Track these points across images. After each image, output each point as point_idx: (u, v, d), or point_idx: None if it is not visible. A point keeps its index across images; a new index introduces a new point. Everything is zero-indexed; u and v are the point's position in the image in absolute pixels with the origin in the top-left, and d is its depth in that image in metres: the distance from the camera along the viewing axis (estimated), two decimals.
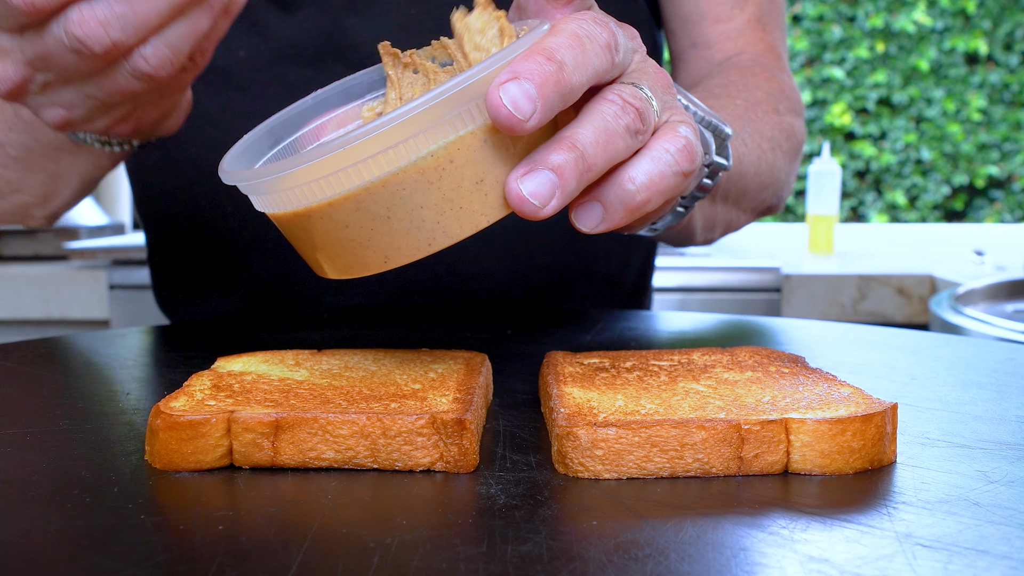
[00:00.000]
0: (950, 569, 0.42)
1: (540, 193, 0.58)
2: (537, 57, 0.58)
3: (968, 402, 0.70)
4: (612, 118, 0.61)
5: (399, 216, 0.60)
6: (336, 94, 0.76)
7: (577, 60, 0.59)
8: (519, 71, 0.57)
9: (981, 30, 6.60)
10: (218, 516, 0.49)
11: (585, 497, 0.52)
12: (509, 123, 0.56)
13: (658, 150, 0.63)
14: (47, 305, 2.54)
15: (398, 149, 0.58)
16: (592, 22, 0.62)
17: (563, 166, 0.58)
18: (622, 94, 0.62)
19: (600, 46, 0.61)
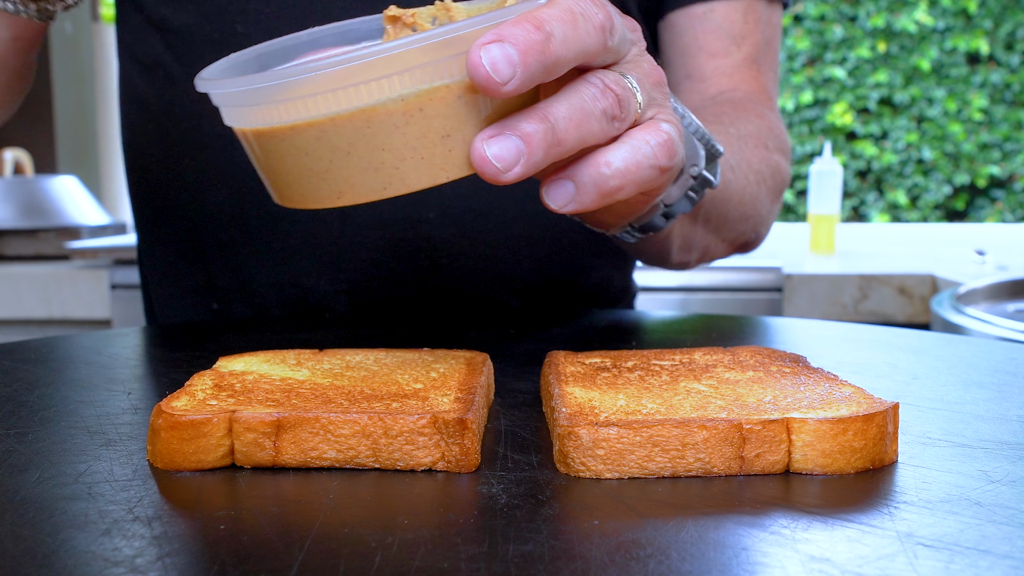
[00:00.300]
0: (951, 569, 0.42)
1: (504, 157, 0.58)
2: (526, 24, 0.57)
3: (969, 402, 0.70)
4: (590, 99, 0.61)
5: (359, 153, 0.59)
6: (331, 34, 0.74)
7: (567, 34, 0.59)
8: (504, 35, 0.56)
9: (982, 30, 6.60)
10: (220, 516, 0.49)
11: (587, 497, 0.52)
12: (486, 84, 0.56)
13: (638, 140, 0.64)
14: (48, 305, 2.55)
15: (370, 85, 0.58)
16: (590, 1, 0.61)
17: (532, 135, 0.58)
18: (605, 79, 0.62)
19: (593, 26, 0.60)
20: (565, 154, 0.60)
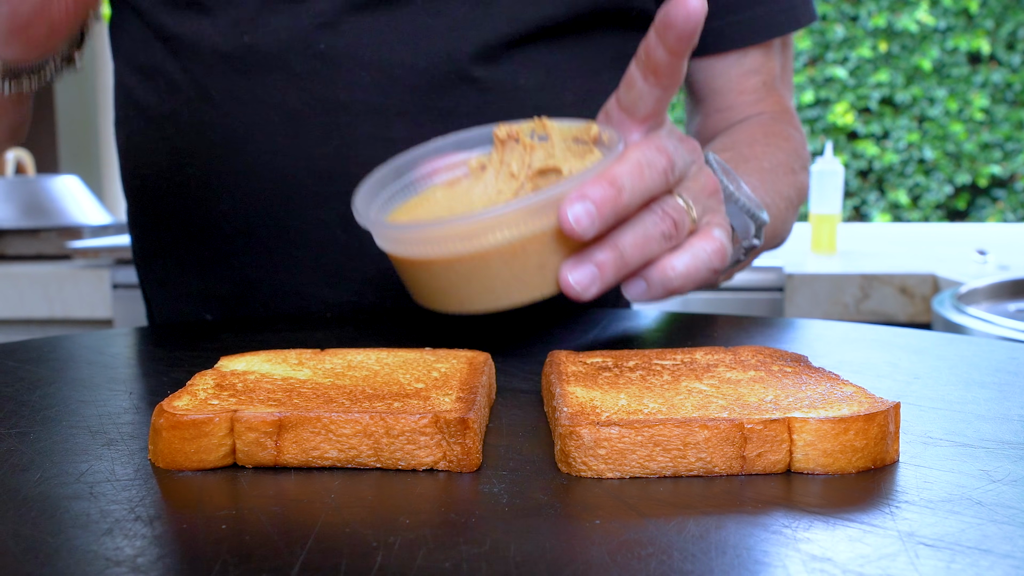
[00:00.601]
0: (953, 568, 0.42)
1: (583, 282, 0.75)
2: (603, 182, 0.73)
3: (971, 401, 0.70)
4: (652, 226, 0.77)
5: (476, 281, 0.78)
6: (451, 143, 0.92)
7: (635, 185, 0.74)
8: (586, 194, 0.72)
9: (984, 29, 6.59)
10: (221, 515, 0.49)
11: (588, 496, 0.52)
12: (571, 234, 0.73)
13: (698, 249, 0.79)
14: (50, 304, 2.55)
15: (487, 236, 0.76)
16: (655, 150, 0.77)
17: (604, 263, 0.75)
18: (664, 207, 0.78)
19: (657, 172, 0.76)
20: (632, 271, 0.77)
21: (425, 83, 1.11)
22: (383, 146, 1.11)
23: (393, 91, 1.11)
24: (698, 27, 0.75)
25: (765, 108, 1.30)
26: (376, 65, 1.10)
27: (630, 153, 0.76)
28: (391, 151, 1.10)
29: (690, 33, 0.76)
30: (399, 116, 1.12)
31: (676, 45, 0.76)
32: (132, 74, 1.20)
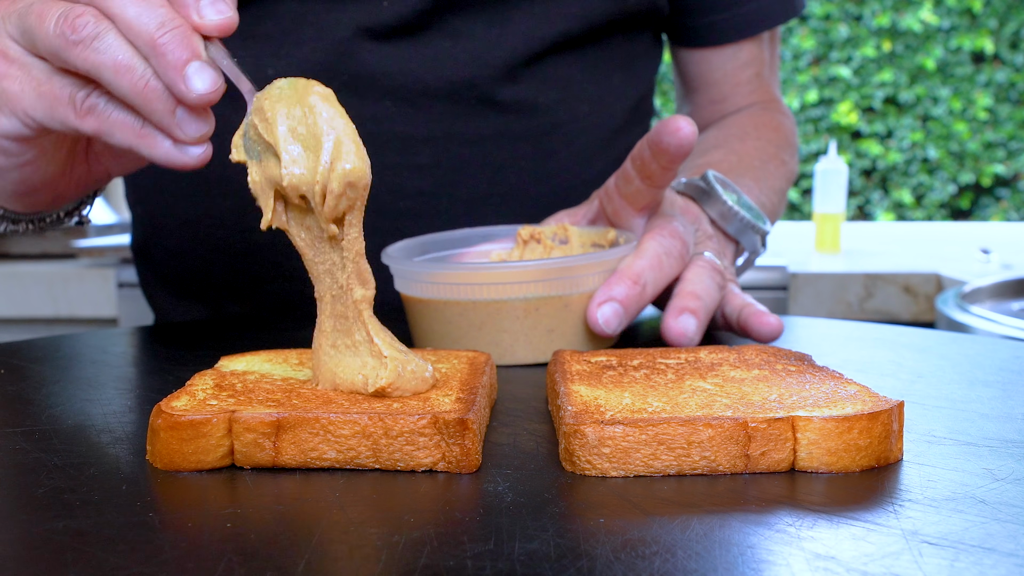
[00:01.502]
0: (956, 567, 0.42)
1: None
2: (627, 281, 0.84)
3: (974, 400, 0.70)
4: (709, 277, 0.90)
5: (488, 331, 0.84)
6: (478, 234, 1.00)
7: (656, 278, 0.86)
8: (614, 294, 0.84)
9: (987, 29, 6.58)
10: (225, 514, 0.49)
11: (592, 495, 0.52)
12: (601, 333, 0.84)
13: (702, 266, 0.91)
14: (55, 303, 2.55)
15: (505, 287, 0.83)
16: (670, 237, 0.88)
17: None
18: (710, 259, 0.92)
19: (675, 258, 0.88)
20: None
21: (449, 110, 1.12)
22: (412, 174, 1.12)
23: (418, 119, 1.12)
24: (690, 149, 0.85)
25: (756, 99, 1.34)
26: (400, 93, 1.11)
27: (648, 245, 0.86)
28: (420, 178, 1.11)
29: (683, 156, 0.85)
30: (426, 143, 1.12)
31: (669, 164, 0.86)
32: None
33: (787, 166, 1.26)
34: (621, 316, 0.83)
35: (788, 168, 1.27)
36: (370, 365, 0.62)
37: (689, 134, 0.83)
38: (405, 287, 0.89)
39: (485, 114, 1.14)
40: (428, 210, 1.14)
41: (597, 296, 0.83)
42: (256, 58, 1.11)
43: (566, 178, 1.17)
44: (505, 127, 1.14)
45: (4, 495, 0.52)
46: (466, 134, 1.13)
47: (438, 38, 1.11)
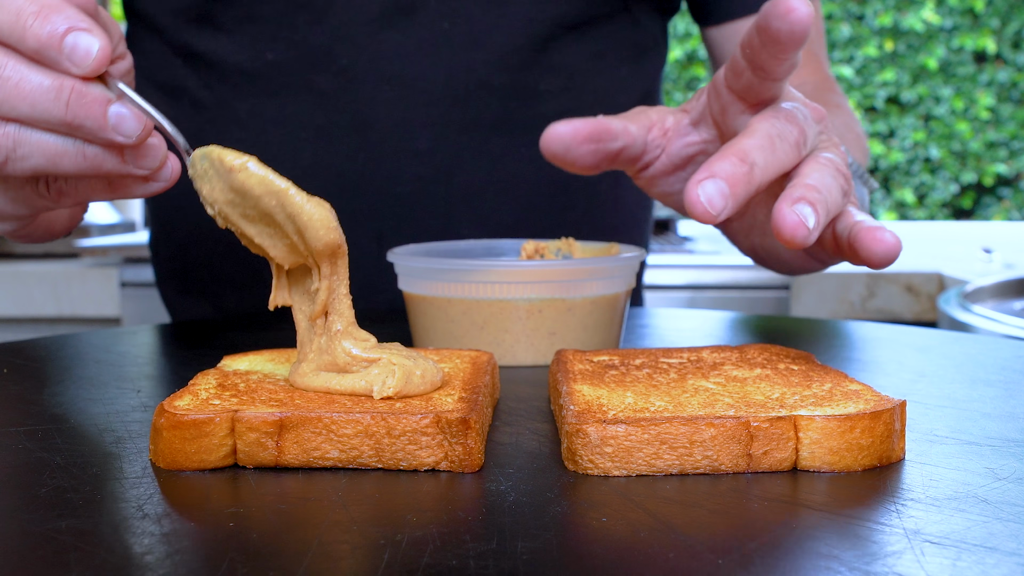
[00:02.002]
0: (958, 566, 0.42)
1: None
2: (732, 158, 0.67)
3: (976, 399, 0.70)
4: (778, 129, 0.70)
5: (489, 330, 0.84)
6: (481, 247, 1.00)
7: (767, 160, 0.68)
8: (715, 170, 0.66)
9: (989, 28, 6.58)
10: (228, 513, 0.50)
11: (594, 494, 0.52)
12: (704, 216, 0.65)
13: (823, 159, 0.72)
14: (58, 303, 2.55)
15: (510, 286, 0.83)
16: (785, 120, 0.71)
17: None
18: (784, 112, 0.72)
19: (789, 144, 0.71)
20: (762, 185, 0.68)
21: (447, 95, 1.12)
22: (410, 159, 1.12)
23: (416, 104, 1.12)
24: (805, 35, 0.69)
25: (805, 76, 1.23)
26: (398, 78, 1.11)
27: (758, 125, 0.71)
28: (418, 164, 1.11)
29: (797, 43, 0.69)
30: (424, 128, 1.12)
31: (781, 53, 0.70)
32: (153, 91, 1.19)
33: (862, 141, 1.14)
34: (726, 195, 0.65)
35: (864, 144, 1.14)
36: (374, 373, 0.62)
37: (803, 16, 0.67)
38: (408, 285, 0.89)
39: (484, 100, 1.13)
40: (426, 196, 1.14)
41: (697, 174, 0.66)
42: (254, 41, 1.12)
43: None
44: (505, 114, 1.14)
45: (7, 494, 0.52)
46: (464, 120, 1.13)
47: (436, 21, 1.11)
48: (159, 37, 1.17)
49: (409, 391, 0.61)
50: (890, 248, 0.69)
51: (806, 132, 0.72)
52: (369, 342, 0.64)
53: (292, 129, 1.14)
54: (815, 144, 0.74)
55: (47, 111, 0.65)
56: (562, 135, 0.74)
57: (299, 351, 0.65)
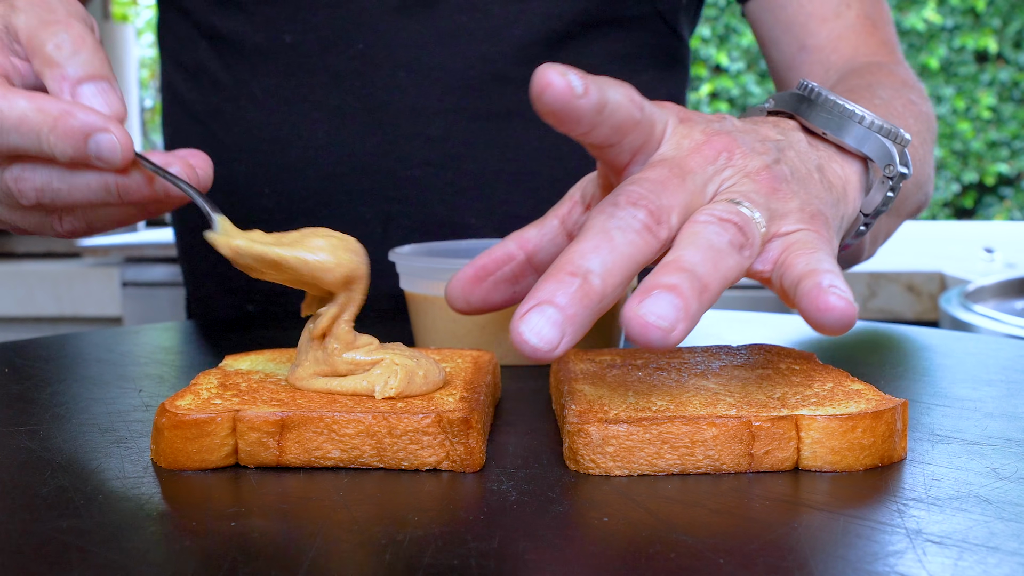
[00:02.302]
0: (960, 566, 0.42)
1: (667, 315, 0.52)
2: (559, 273, 0.54)
3: (978, 399, 0.70)
4: (714, 236, 0.57)
5: (490, 329, 0.83)
6: (483, 246, 0.90)
7: (607, 262, 0.55)
8: (541, 295, 0.53)
9: (991, 28, 6.59)
10: (230, 512, 0.50)
11: (596, 494, 0.52)
12: (538, 355, 0.53)
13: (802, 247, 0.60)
14: (60, 302, 2.55)
15: None
16: (627, 203, 0.57)
17: (679, 286, 0.53)
18: (714, 211, 0.58)
19: (635, 230, 0.56)
20: (713, 302, 0.56)
21: (462, 84, 1.13)
22: (421, 144, 1.13)
23: (431, 91, 1.13)
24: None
25: (860, 44, 1.11)
26: (414, 65, 1.12)
27: (591, 220, 0.57)
28: (429, 149, 1.11)
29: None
30: (437, 115, 1.13)
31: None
32: (177, 72, 1.22)
33: (919, 108, 0.98)
34: (559, 324, 0.52)
35: (921, 111, 0.98)
36: (376, 373, 0.62)
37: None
38: (410, 284, 0.89)
39: (499, 91, 1.14)
40: (435, 181, 1.14)
41: (522, 304, 0.54)
42: (272, 23, 1.13)
43: (579, 162, 1.16)
44: (518, 105, 1.14)
45: (8, 494, 0.52)
46: (478, 109, 1.13)
47: (455, 12, 1.11)
48: (188, 19, 1.19)
49: (411, 391, 0.61)
50: (838, 316, 0.55)
51: (660, 204, 0.58)
52: (371, 345, 0.64)
53: (306, 109, 1.15)
54: (717, 188, 0.62)
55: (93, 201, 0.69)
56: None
57: (297, 355, 0.65)
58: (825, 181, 0.68)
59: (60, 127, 0.65)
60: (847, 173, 0.70)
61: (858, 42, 1.11)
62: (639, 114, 0.61)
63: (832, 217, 0.66)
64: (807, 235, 0.61)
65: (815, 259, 0.58)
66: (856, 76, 1.04)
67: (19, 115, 0.65)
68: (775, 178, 0.63)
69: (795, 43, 1.14)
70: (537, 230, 0.73)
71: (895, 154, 0.71)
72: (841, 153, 0.71)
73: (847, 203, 0.70)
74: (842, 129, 0.70)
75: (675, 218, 0.58)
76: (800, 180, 0.65)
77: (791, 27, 1.15)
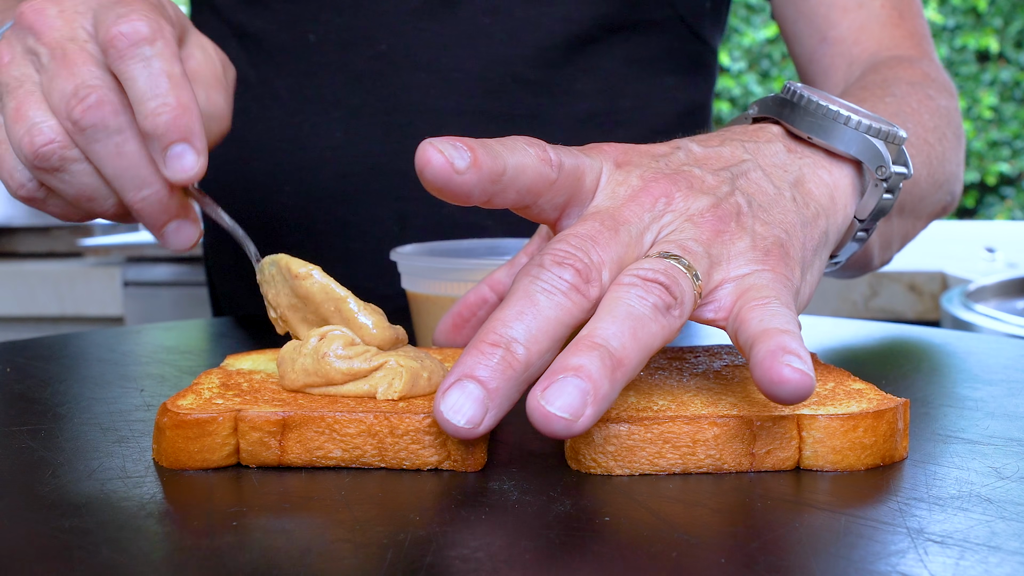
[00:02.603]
0: (961, 565, 0.42)
1: (572, 405, 0.49)
2: (481, 344, 0.53)
3: (980, 399, 0.70)
4: (635, 301, 0.53)
5: None
6: (484, 246, 0.97)
7: (531, 329, 0.53)
8: (462, 370, 0.52)
9: (992, 28, 6.59)
10: (231, 512, 0.50)
11: (597, 493, 0.52)
12: (460, 434, 0.52)
13: None
14: (62, 302, 2.55)
15: None
16: (553, 263, 0.55)
17: (586, 367, 0.50)
18: (639, 272, 0.55)
19: (563, 291, 0.54)
20: (634, 373, 0.52)
21: (480, 86, 1.13)
22: None
23: (450, 94, 1.13)
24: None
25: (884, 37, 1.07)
26: (433, 67, 1.12)
27: (516, 283, 0.55)
28: None
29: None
30: (455, 117, 1.13)
31: None
32: None
33: (937, 103, 0.94)
34: (481, 400, 0.52)
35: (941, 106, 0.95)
36: (379, 376, 0.62)
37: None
38: (412, 284, 0.89)
39: (519, 94, 1.14)
40: None
41: (444, 380, 0.53)
42: (296, 22, 1.14)
43: None
44: (538, 109, 1.14)
45: (9, 493, 0.52)
46: (497, 112, 1.13)
47: (477, 15, 1.12)
48: (218, 17, 1.20)
49: (416, 393, 0.61)
50: (791, 390, 0.50)
51: (590, 259, 0.56)
52: (369, 351, 0.63)
53: (326, 108, 1.16)
54: (656, 236, 0.60)
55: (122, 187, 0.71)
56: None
57: (280, 365, 0.64)
58: (800, 197, 0.65)
59: None
60: (835, 179, 0.68)
61: (882, 34, 1.07)
62: (553, 173, 0.59)
63: (798, 242, 0.63)
64: (760, 277, 0.59)
65: (769, 313, 0.55)
66: (874, 72, 1.00)
67: None
68: (720, 218, 0.60)
69: (816, 35, 1.11)
70: (507, 270, 0.74)
71: (886, 154, 0.67)
72: (829, 157, 0.68)
73: (834, 213, 0.67)
74: (827, 132, 0.67)
75: (607, 274, 0.56)
76: (761, 207, 0.62)
77: (813, 18, 1.11)
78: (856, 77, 1.03)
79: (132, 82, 0.68)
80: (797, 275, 0.62)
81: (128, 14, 0.68)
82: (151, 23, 0.68)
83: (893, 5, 1.08)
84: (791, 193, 0.65)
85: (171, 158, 0.68)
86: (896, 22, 1.08)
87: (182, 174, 0.68)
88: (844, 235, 0.70)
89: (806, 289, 0.64)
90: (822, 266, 0.67)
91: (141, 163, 0.70)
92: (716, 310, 0.59)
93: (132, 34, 0.68)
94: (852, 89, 0.96)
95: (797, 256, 0.62)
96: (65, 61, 0.69)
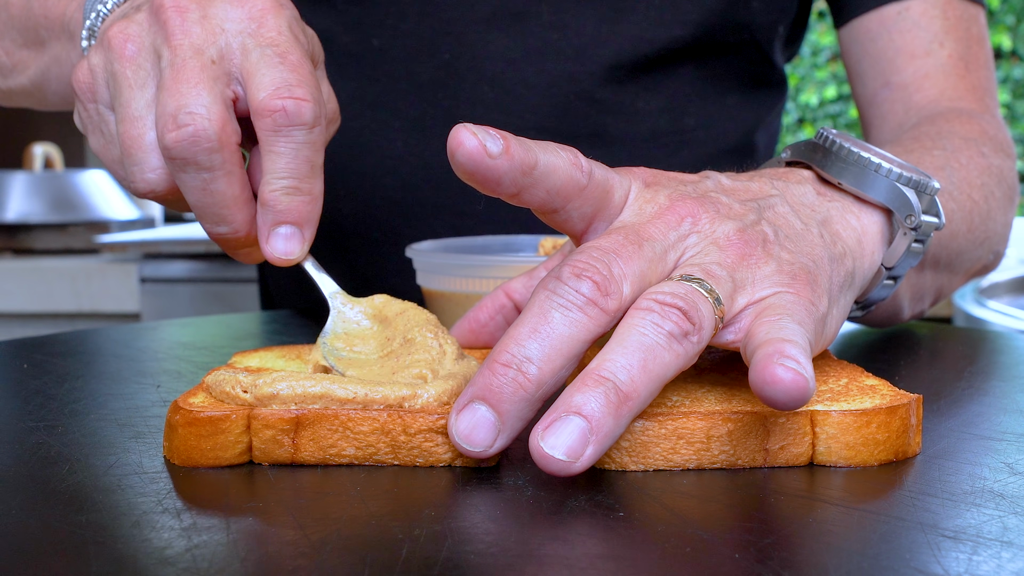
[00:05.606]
0: (974, 560, 0.42)
1: (572, 446, 0.50)
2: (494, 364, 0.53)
3: (992, 394, 0.70)
4: (649, 329, 0.53)
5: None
6: (499, 243, 0.99)
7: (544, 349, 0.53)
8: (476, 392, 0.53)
9: (1004, 25, 6.56)
10: (247, 507, 0.50)
11: (612, 489, 0.52)
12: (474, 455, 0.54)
13: None
14: (78, 298, 2.55)
15: None
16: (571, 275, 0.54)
17: (587, 405, 0.50)
18: (657, 296, 0.54)
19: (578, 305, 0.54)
20: (645, 404, 0.52)
21: (546, 103, 1.11)
22: None
23: (514, 109, 1.12)
24: None
25: (947, 87, 1.06)
26: (498, 80, 1.11)
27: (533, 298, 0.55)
28: None
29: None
30: (518, 132, 1.12)
31: None
32: None
33: (990, 162, 0.94)
34: (494, 425, 0.52)
35: (994, 166, 0.94)
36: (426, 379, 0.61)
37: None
38: (428, 281, 0.89)
39: (583, 112, 1.12)
40: None
41: (457, 402, 0.54)
42: (361, 25, 1.13)
43: None
44: (602, 128, 1.13)
45: (26, 488, 0.53)
46: (560, 129, 1.12)
47: (545, 30, 1.10)
48: None
49: None
50: (783, 389, 0.49)
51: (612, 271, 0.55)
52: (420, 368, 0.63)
53: (387, 116, 1.15)
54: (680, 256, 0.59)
55: (201, 217, 0.69)
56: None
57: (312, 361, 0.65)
58: (827, 235, 0.64)
59: None
60: (864, 224, 0.67)
61: (946, 84, 1.06)
62: (584, 179, 0.59)
63: (825, 273, 0.61)
64: (782, 298, 0.58)
65: (778, 326, 0.54)
66: (930, 123, 0.99)
67: None
68: (746, 242, 0.59)
69: (880, 79, 1.10)
70: (524, 281, 0.73)
71: (916, 203, 0.67)
72: (858, 203, 0.68)
73: (861, 256, 0.66)
74: (857, 178, 0.67)
75: (628, 287, 0.55)
76: (788, 238, 0.61)
77: (878, 61, 1.10)
78: (911, 125, 1.02)
79: (274, 156, 0.66)
80: (824, 303, 0.60)
81: (293, 86, 0.66)
82: (316, 108, 0.67)
83: (960, 56, 1.07)
84: (818, 230, 0.64)
85: (278, 236, 0.68)
86: (961, 73, 1.06)
87: (284, 256, 0.68)
88: (871, 282, 0.70)
89: (832, 323, 0.63)
90: (847, 306, 0.66)
91: (223, 203, 0.67)
92: (736, 332, 0.58)
93: (295, 115, 0.66)
94: (903, 138, 0.95)
95: (824, 285, 0.61)
96: (181, 75, 0.66)
